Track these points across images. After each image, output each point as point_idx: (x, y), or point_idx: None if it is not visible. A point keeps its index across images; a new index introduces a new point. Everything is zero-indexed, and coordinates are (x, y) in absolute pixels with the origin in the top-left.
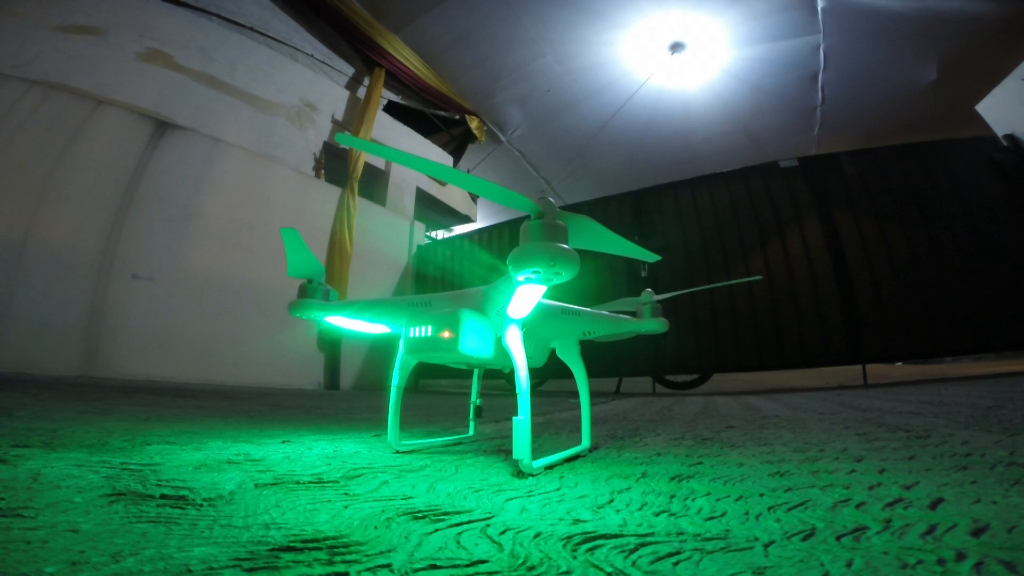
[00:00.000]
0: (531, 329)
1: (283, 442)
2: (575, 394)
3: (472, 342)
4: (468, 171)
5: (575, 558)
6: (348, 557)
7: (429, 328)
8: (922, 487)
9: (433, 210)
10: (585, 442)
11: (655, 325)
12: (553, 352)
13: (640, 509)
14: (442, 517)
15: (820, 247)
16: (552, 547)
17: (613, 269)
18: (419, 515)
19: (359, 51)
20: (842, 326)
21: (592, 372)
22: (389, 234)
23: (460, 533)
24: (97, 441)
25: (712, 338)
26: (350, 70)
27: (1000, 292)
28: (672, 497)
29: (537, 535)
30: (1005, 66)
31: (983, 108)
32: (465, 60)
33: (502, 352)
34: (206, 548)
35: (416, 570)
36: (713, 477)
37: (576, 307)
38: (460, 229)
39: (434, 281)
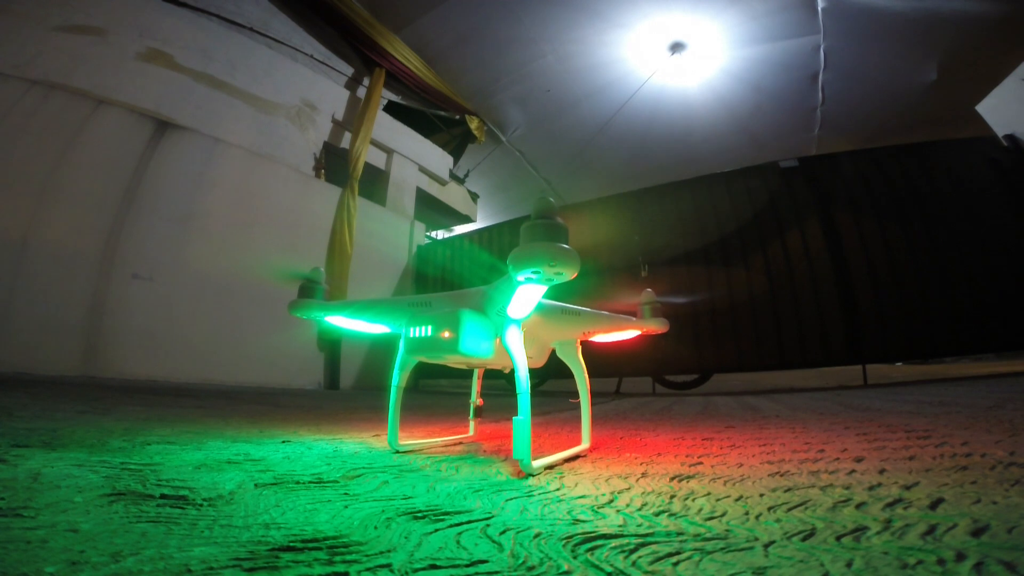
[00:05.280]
0: (531, 329)
1: (283, 442)
2: (575, 394)
3: (472, 342)
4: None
5: (575, 558)
6: (348, 557)
7: (429, 328)
8: (922, 487)
9: (433, 210)
10: (585, 442)
11: (655, 325)
12: (553, 352)
13: (640, 509)
14: (442, 517)
15: (820, 247)
16: (552, 547)
17: (613, 269)
18: (419, 515)
19: (359, 51)
20: (842, 326)
21: (592, 372)
22: (389, 234)
23: (460, 533)
24: (97, 441)
25: (712, 338)
26: (350, 70)
27: (1000, 292)
28: (672, 497)
29: (537, 535)
30: (1005, 66)
31: (983, 108)
32: (465, 60)
33: (502, 352)
34: (206, 548)
35: (416, 570)
36: (713, 477)
37: (576, 307)
38: (460, 229)
39: (434, 281)
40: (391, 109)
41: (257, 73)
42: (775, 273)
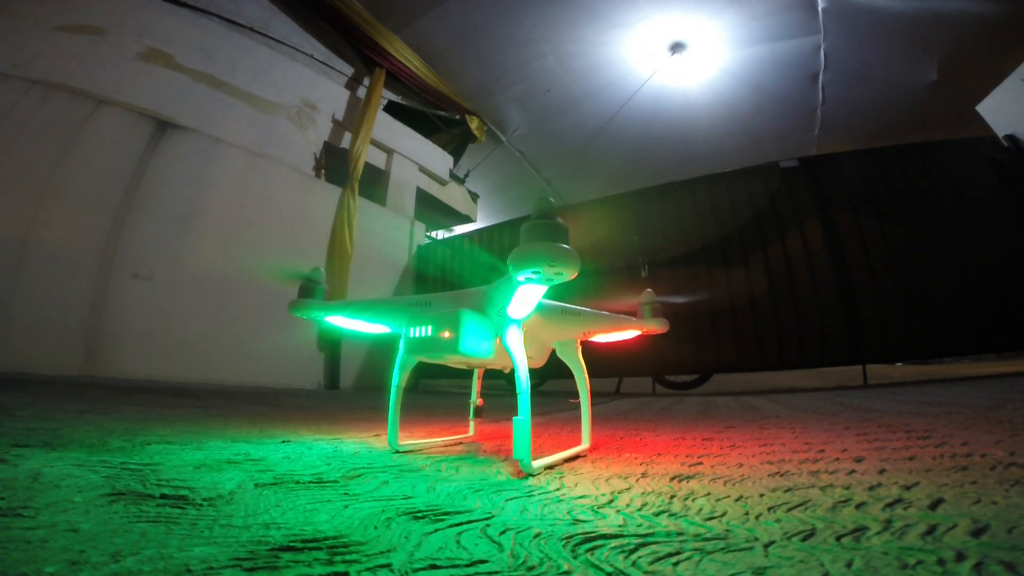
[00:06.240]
0: (531, 329)
1: (283, 442)
2: (575, 394)
3: (472, 342)
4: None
5: (575, 558)
6: (348, 557)
7: (429, 328)
8: (922, 487)
9: (433, 210)
10: (585, 442)
11: (655, 325)
12: (553, 352)
13: (640, 509)
14: (442, 517)
15: (820, 247)
16: (552, 547)
17: (613, 269)
18: (419, 515)
19: (359, 51)
20: (842, 326)
21: (592, 372)
22: (389, 234)
23: (460, 533)
24: (97, 441)
25: (712, 338)
26: (350, 70)
27: (1000, 292)
28: (672, 497)
29: (537, 535)
30: (1005, 66)
31: (983, 108)
32: (465, 60)
33: (502, 352)
34: (206, 548)
35: (416, 570)
36: (713, 477)
37: (576, 307)
38: (460, 229)
39: (434, 281)
40: (391, 109)
41: (257, 73)
42: (775, 273)
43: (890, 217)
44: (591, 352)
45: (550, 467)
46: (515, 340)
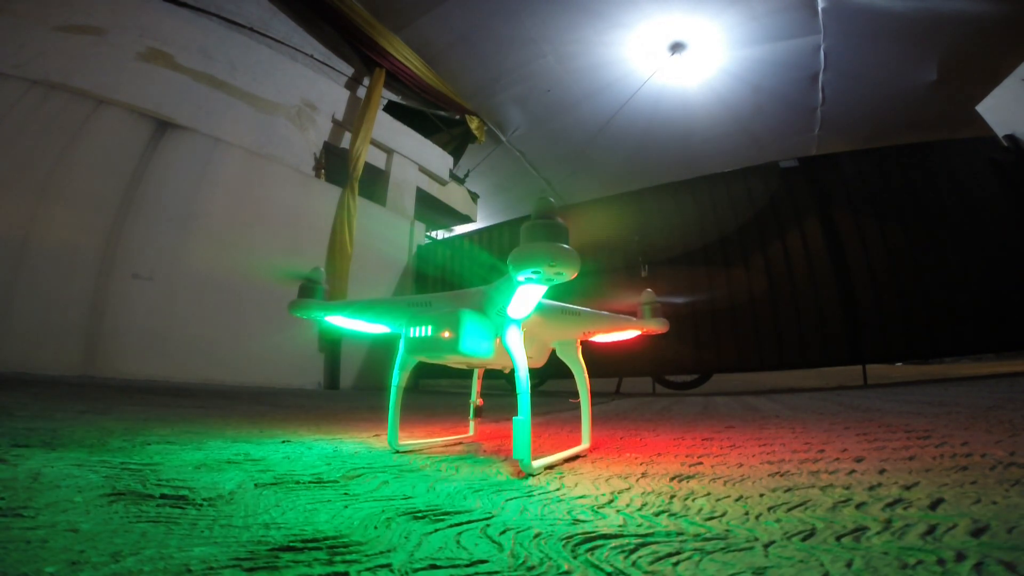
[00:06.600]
0: (531, 329)
1: (283, 442)
2: (575, 394)
3: (472, 342)
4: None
5: (575, 558)
6: (348, 557)
7: (429, 328)
8: (922, 487)
9: (433, 210)
10: (585, 442)
11: (655, 325)
12: (553, 352)
13: (640, 509)
14: (442, 517)
15: (820, 247)
16: (552, 547)
17: (613, 269)
18: (419, 515)
19: (359, 51)
20: (842, 326)
21: (592, 372)
22: (389, 234)
23: (460, 533)
24: (97, 441)
25: (712, 338)
26: (350, 70)
27: (1000, 292)
28: (672, 497)
29: (537, 535)
30: (1005, 66)
31: (983, 108)
32: (465, 60)
33: (502, 352)
34: (206, 548)
35: (416, 570)
36: (713, 477)
37: (576, 307)
38: (460, 229)
39: (434, 281)
40: (391, 109)
41: (257, 73)
42: (775, 273)
43: (890, 217)
44: (591, 352)
45: (550, 467)
46: (515, 340)
